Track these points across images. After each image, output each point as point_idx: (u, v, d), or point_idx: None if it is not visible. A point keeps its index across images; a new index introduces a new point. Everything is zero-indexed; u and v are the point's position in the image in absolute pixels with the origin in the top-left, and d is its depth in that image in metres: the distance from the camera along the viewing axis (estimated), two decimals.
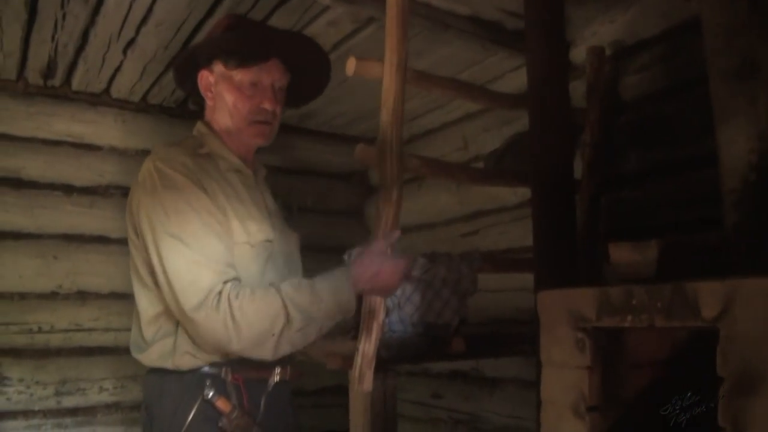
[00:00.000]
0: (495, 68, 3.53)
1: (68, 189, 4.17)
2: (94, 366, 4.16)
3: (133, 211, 2.14)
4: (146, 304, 2.12)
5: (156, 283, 2.05)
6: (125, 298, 4.15)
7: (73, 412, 4.10)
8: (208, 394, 2.03)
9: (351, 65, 2.19)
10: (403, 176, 2.19)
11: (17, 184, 4.03)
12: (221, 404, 2.04)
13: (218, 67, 2.22)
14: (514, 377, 3.61)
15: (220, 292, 1.92)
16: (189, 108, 4.47)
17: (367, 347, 2.10)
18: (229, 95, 2.20)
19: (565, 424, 1.67)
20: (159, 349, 2.09)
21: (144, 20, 3.13)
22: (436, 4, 2.89)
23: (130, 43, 3.40)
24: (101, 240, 4.24)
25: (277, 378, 2.20)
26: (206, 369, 2.07)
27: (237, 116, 2.20)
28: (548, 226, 2.38)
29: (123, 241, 4.22)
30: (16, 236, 4.01)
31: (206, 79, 2.26)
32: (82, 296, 4.16)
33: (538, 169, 2.44)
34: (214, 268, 1.96)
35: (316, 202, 4.76)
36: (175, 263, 1.96)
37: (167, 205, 2.01)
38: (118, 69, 3.80)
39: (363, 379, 2.11)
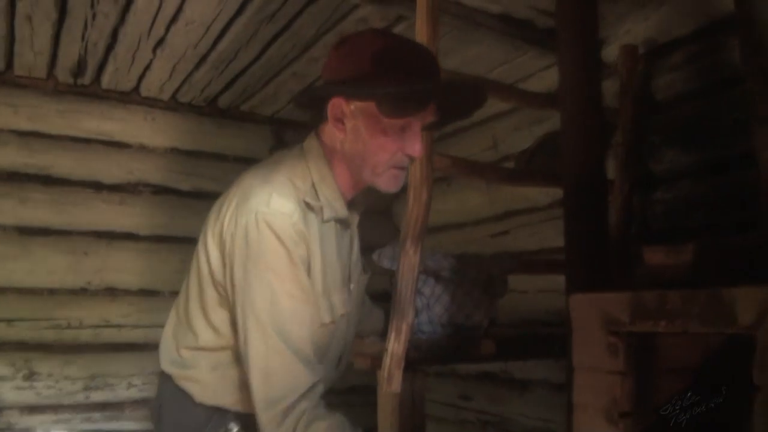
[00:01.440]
0: (526, 67, 3.51)
1: (98, 186, 4.21)
2: (123, 362, 4.20)
3: (224, 233, 1.89)
4: (208, 336, 1.96)
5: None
6: (154, 295, 4.21)
7: (102, 407, 4.15)
8: (233, 429, 1.96)
9: None
10: (432, 176, 2.17)
11: (47, 181, 4.07)
12: None
13: (365, 103, 1.84)
14: (544, 380, 3.58)
15: (295, 404, 1.75)
16: (218, 107, 4.49)
17: (396, 348, 2.09)
18: (373, 137, 1.85)
19: (598, 429, 1.64)
20: (195, 375, 1.99)
21: (174, 19, 3.14)
22: (466, 2, 2.86)
23: (160, 41, 3.41)
24: (131, 237, 4.28)
25: None
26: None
27: (377, 159, 1.87)
28: (580, 227, 2.35)
29: (152, 239, 4.32)
30: (46, 233, 4.05)
31: (340, 107, 1.87)
32: (112, 292, 4.20)
33: (569, 169, 2.41)
34: (293, 367, 1.78)
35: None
36: (256, 344, 1.79)
37: (264, 277, 1.80)
38: (147, 67, 3.81)
39: (392, 380, 2.10)
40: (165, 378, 2.08)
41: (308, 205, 1.88)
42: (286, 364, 1.76)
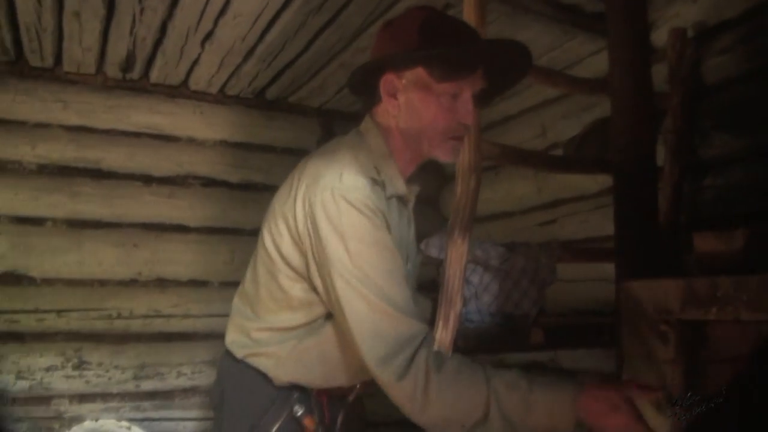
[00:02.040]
0: (575, 52, 3.48)
1: (147, 179, 4.27)
2: (172, 351, 4.26)
3: (297, 216, 1.90)
4: (284, 316, 2.00)
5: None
6: (204, 285, 4.26)
7: (151, 395, 4.21)
8: (298, 412, 2.00)
9: None
10: (481, 164, 2.16)
11: (97, 174, 4.14)
12: (308, 422, 2.01)
13: (415, 73, 1.91)
14: (593, 369, 3.55)
15: (414, 354, 1.74)
16: (266, 99, 4.52)
17: (444, 336, 2.08)
18: (428, 107, 1.91)
19: (648, 417, 1.63)
20: (270, 351, 2.01)
21: (222, 12, 3.16)
22: None
23: (208, 35, 3.43)
24: (180, 229, 4.33)
25: (356, 394, 2.16)
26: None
27: (433, 130, 1.93)
28: (630, 215, 2.32)
29: (201, 230, 4.36)
30: (97, 225, 4.12)
31: (392, 83, 1.94)
32: (161, 283, 4.26)
33: (619, 156, 2.39)
34: (400, 320, 1.78)
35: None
36: (356, 309, 1.79)
37: (351, 247, 1.80)
38: (195, 61, 3.84)
39: None
40: (231, 361, 2.11)
41: (374, 181, 1.90)
42: (393, 320, 1.76)
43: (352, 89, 2.11)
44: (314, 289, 1.91)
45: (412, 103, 1.93)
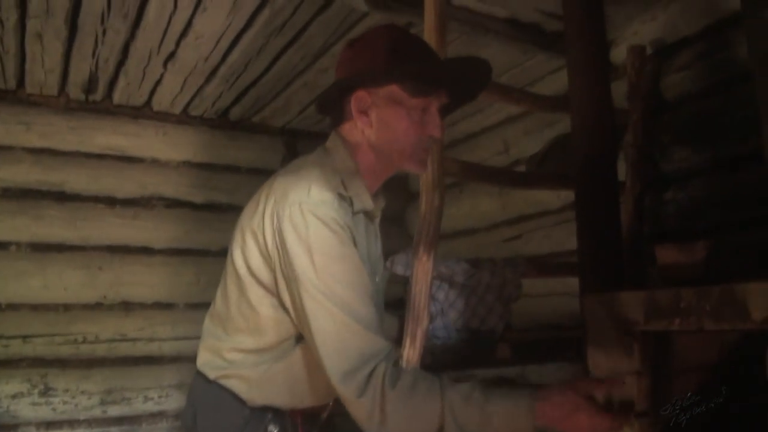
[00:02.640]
0: (535, 71, 3.52)
1: (111, 201, 4.23)
2: (139, 375, 4.20)
3: (265, 232, 1.91)
4: (255, 336, 1.99)
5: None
6: (170, 307, 4.23)
7: (119, 421, 4.16)
8: (272, 431, 1.99)
9: None
10: (444, 181, 2.17)
11: (61, 197, 4.10)
12: None
13: (388, 90, 1.95)
14: (561, 383, 3.57)
15: (372, 371, 1.74)
16: (229, 119, 4.52)
17: (411, 354, 2.08)
18: (400, 122, 1.95)
19: (615, 429, 1.64)
20: (243, 374, 2.00)
21: (183, 33, 3.16)
22: (474, 7, 2.87)
23: (171, 56, 3.43)
24: (145, 251, 4.30)
25: (330, 409, 2.14)
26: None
27: (405, 143, 1.96)
28: (592, 229, 2.35)
29: (166, 252, 4.33)
30: (61, 248, 4.08)
31: (364, 100, 1.97)
32: (127, 306, 4.22)
33: (581, 171, 2.41)
34: (363, 336, 1.78)
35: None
36: (321, 324, 1.79)
37: (317, 261, 1.82)
38: (158, 82, 3.84)
39: None
40: (203, 383, 2.09)
41: (341, 197, 1.92)
42: (357, 335, 1.77)
43: (320, 108, 2.13)
44: (283, 305, 1.91)
45: (384, 118, 1.96)
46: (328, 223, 1.82)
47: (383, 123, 1.96)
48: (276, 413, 2.01)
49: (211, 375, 2.05)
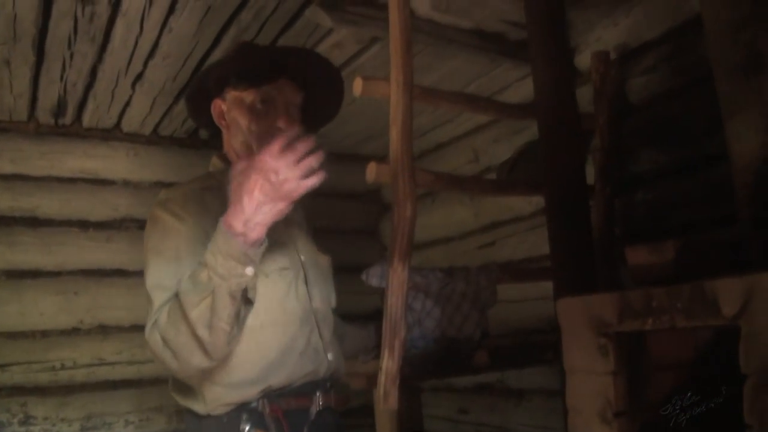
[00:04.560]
0: (501, 79, 3.54)
1: (84, 225, 4.20)
2: (119, 400, 4.17)
3: None
4: None
5: None
6: None
7: None
8: (244, 429, 1.99)
9: (358, 86, 2.17)
10: (416, 192, 2.19)
11: (34, 223, 4.06)
12: None
13: (229, 93, 2.17)
14: (540, 387, 3.59)
15: (158, 319, 2.00)
16: (200, 138, 4.51)
17: (390, 365, 2.09)
18: (242, 118, 2.14)
19: (594, 430, 1.66)
20: (199, 393, 2.06)
21: (151, 54, 3.16)
22: (438, 19, 2.89)
23: (139, 77, 3.43)
24: (120, 273, 4.26)
25: (320, 405, 2.14)
26: (242, 405, 2.03)
27: (252, 136, 2.12)
28: (564, 233, 2.38)
29: (141, 274, 4.27)
30: (36, 275, 4.04)
31: (219, 107, 2.21)
32: (104, 330, 4.18)
33: (550, 176, 2.44)
34: (156, 294, 2.07)
35: (331, 222, 4.76)
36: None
37: (146, 239, 2.17)
38: (127, 103, 3.83)
39: (388, 398, 2.10)
40: (185, 412, 2.16)
41: (206, 188, 2.14)
42: (151, 286, 2.14)
43: (194, 117, 2.48)
44: None
45: (234, 119, 2.17)
46: (166, 207, 2.09)
47: (234, 124, 2.20)
48: (250, 413, 2.03)
49: (182, 401, 2.13)
